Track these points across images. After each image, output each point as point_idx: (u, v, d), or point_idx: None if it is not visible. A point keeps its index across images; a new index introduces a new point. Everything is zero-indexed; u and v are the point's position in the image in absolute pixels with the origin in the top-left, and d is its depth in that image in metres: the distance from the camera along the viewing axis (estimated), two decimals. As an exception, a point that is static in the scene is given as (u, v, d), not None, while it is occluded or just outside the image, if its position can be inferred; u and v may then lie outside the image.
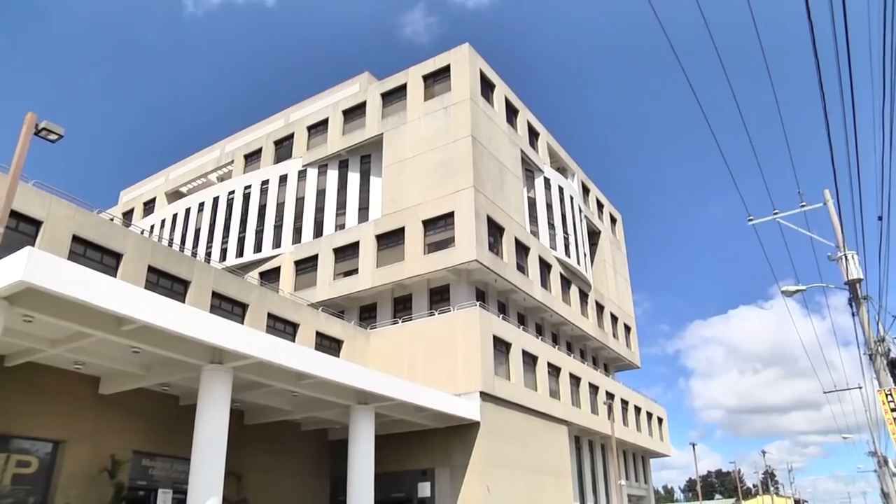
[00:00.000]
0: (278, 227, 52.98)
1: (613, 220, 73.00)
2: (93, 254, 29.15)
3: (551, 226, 53.53)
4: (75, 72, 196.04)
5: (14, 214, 22.55)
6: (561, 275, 53.36)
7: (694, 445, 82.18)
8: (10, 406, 26.19)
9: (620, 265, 71.05)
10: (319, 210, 51.44)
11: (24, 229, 26.50)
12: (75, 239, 28.46)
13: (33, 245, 24.50)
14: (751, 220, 23.14)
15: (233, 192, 57.83)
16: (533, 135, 55.84)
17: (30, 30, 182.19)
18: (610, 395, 53.45)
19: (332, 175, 51.93)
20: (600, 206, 69.60)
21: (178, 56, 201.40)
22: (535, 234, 50.80)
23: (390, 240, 45.93)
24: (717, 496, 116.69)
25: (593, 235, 65.82)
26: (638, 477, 63.93)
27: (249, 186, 56.56)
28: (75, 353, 25.78)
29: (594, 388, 52.46)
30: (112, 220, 37.78)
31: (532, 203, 52.05)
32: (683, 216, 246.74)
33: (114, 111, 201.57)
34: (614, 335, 63.73)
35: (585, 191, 65.80)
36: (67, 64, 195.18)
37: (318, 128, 54.60)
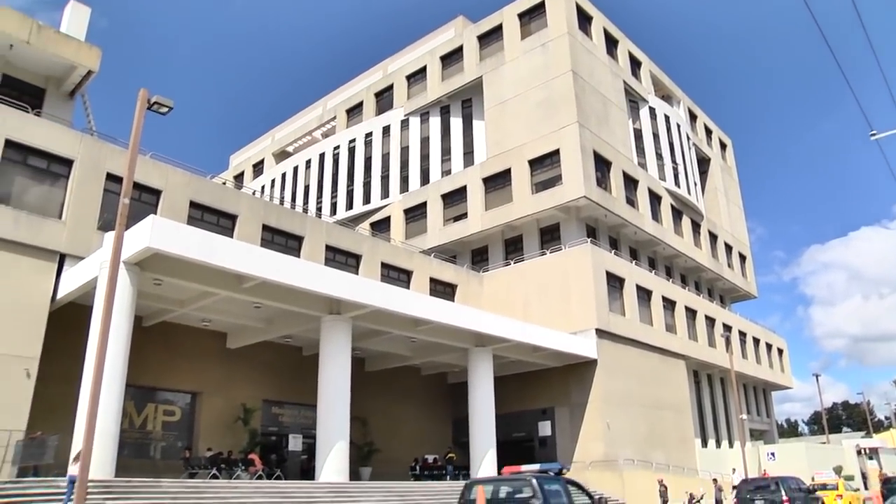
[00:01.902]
0: (385, 178, 53.80)
1: (723, 146, 70.52)
2: (210, 217, 30.50)
3: (659, 156, 52.35)
4: (173, 42, 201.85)
5: (136, 186, 23.77)
6: (671, 206, 52.30)
7: (817, 376, 79.53)
8: (152, 362, 28.11)
9: (732, 192, 68.85)
10: (425, 157, 51.89)
11: (146, 199, 27.99)
12: (192, 204, 29.85)
13: (155, 213, 25.82)
14: (874, 134, 22.11)
15: (338, 147, 58.91)
16: (635, 64, 54.36)
17: (125, 7, 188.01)
18: (727, 327, 52.42)
19: (435, 122, 52.17)
20: (709, 132, 67.34)
21: (270, 17, 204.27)
22: (642, 165, 49.83)
23: (497, 182, 46.02)
24: (846, 429, 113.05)
25: (703, 163, 63.86)
26: (760, 411, 62.77)
27: (354, 140, 57.47)
28: (202, 311, 27.37)
29: (710, 321, 51.60)
30: (224, 183, 39.33)
31: (638, 134, 50.97)
32: (796, 136, 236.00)
33: (215, 77, 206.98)
34: (729, 265, 62.16)
35: (692, 117, 63.77)
36: (164, 37, 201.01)
37: (416, 76, 54.76)
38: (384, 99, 57.51)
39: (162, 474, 24.09)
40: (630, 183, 47.35)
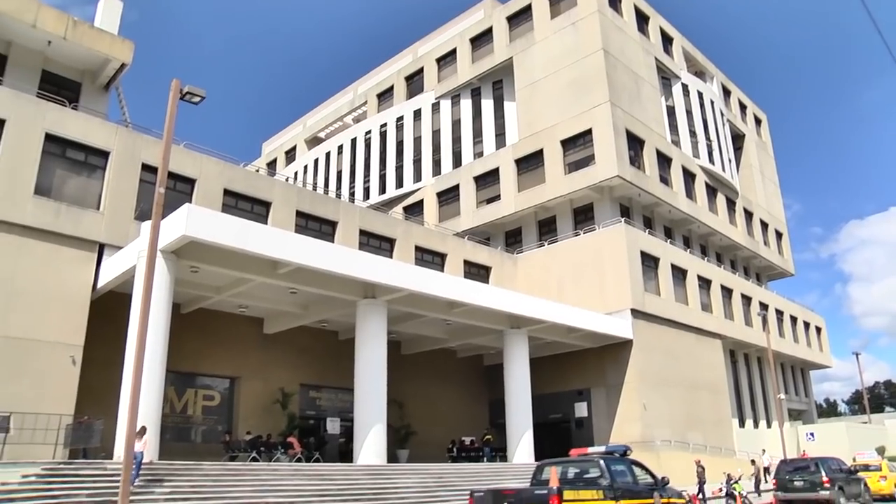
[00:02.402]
0: (417, 161, 53.90)
1: (758, 122, 69.46)
2: (244, 204, 30.85)
3: (693, 133, 51.76)
4: (203, 32, 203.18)
5: (171, 175, 24.16)
6: (706, 183, 51.72)
7: (857, 355, 78.49)
8: (191, 348, 28.62)
9: (768, 168, 67.85)
10: (456, 140, 51.89)
11: (181, 188, 28.44)
12: (226, 192, 30.22)
13: (190, 202, 26.23)
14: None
15: (369, 131, 59.10)
16: (667, 41, 53.68)
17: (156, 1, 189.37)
18: (763, 306, 51.76)
19: (466, 104, 52.08)
20: (743, 107, 66.36)
21: (299, 4, 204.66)
22: (676, 143, 49.32)
23: (529, 163, 45.90)
24: (888, 408, 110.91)
25: (737, 139, 62.98)
26: (798, 390, 62.03)
27: (385, 124, 57.61)
28: (238, 297, 27.79)
29: (747, 300, 51.08)
30: (258, 171, 39.69)
31: (671, 111, 50.42)
32: (834, 108, 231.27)
33: (245, 66, 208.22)
34: (765, 242, 61.36)
35: (726, 93, 62.87)
36: (193, 27, 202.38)
37: (446, 59, 54.66)
38: (414, 83, 57.51)
39: (203, 457, 24.56)
40: (663, 161, 46.92)
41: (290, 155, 71.76)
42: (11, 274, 23.28)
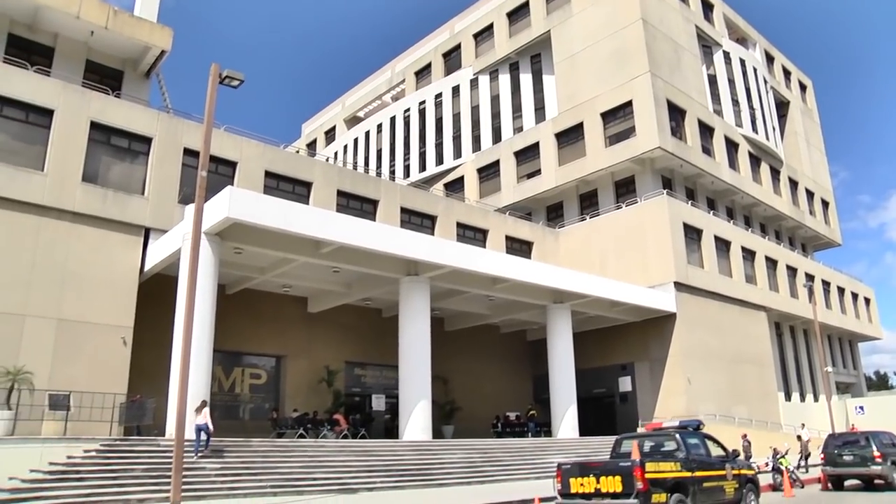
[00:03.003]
0: (457, 138, 53.86)
1: (803, 88, 67.88)
2: (285, 185, 31.19)
3: (735, 102, 50.85)
4: (239, 15, 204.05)
5: (212, 159, 24.55)
6: (749, 153, 50.85)
7: (909, 325, 76.73)
8: (237, 328, 29.20)
9: (814, 135, 66.36)
10: (496, 116, 51.71)
11: (223, 171, 28.90)
12: (267, 174, 30.61)
13: (232, 184, 26.65)
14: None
15: (408, 109, 59.14)
16: (707, 8, 52.64)
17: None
18: (810, 277, 50.70)
19: (504, 79, 51.82)
20: (787, 73, 64.90)
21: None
22: (718, 112, 48.54)
23: (570, 136, 45.60)
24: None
25: (782, 107, 61.71)
26: (846, 363, 60.86)
27: (424, 102, 57.59)
28: (282, 277, 28.16)
29: (792, 271, 50.29)
30: (298, 152, 40.04)
31: (712, 80, 49.55)
32: (882, 71, 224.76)
33: (283, 48, 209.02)
34: (811, 212, 60.16)
35: (769, 59, 61.51)
36: (230, 10, 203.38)
37: (483, 34, 54.32)
38: (452, 59, 57.30)
39: (251, 434, 25.13)
40: (705, 131, 46.23)
41: (330, 135, 72.12)
42: (64, 259, 23.99)
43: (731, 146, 48.91)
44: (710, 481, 14.28)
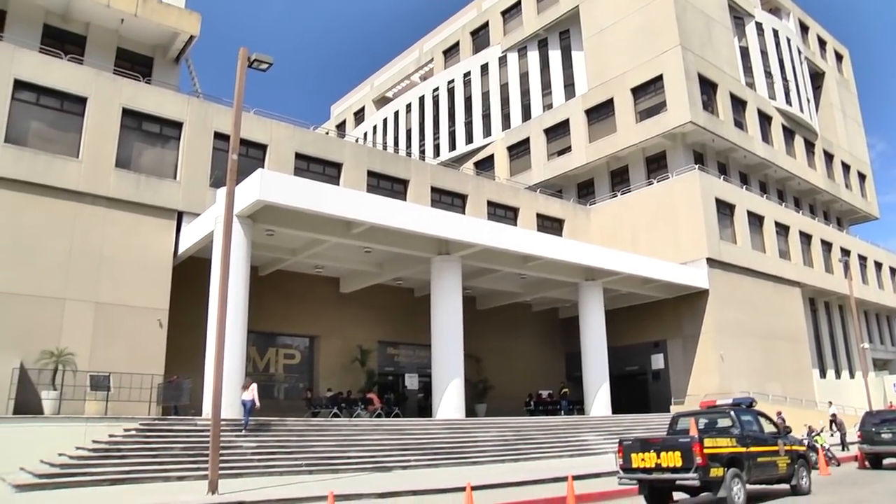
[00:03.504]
0: (486, 116, 53.68)
1: (839, 58, 66.41)
2: (315, 167, 31.36)
3: (768, 74, 50.00)
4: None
5: (243, 142, 24.75)
6: (783, 126, 50.05)
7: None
8: (270, 309, 29.52)
9: (850, 106, 64.99)
10: (525, 93, 51.42)
11: (253, 154, 29.15)
12: (297, 156, 30.79)
13: (263, 166, 26.88)
14: None
15: (437, 88, 58.99)
16: (739, -22, 51.70)
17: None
18: (845, 252, 49.84)
19: (533, 56, 51.43)
20: (822, 43, 63.55)
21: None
22: (750, 85, 47.79)
23: (600, 113, 45.24)
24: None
25: (817, 78, 60.53)
26: (883, 339, 59.65)
27: (452, 81, 57.40)
28: (314, 258, 28.40)
29: (827, 245, 49.51)
30: (327, 133, 40.18)
31: (745, 52, 48.74)
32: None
33: (310, 29, 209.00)
34: (846, 185, 59.07)
35: (804, 29, 60.27)
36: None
37: (511, 11, 53.87)
38: (480, 37, 56.96)
39: (286, 414, 25.53)
40: (738, 104, 45.57)
41: (359, 116, 72.23)
42: (100, 244, 24.43)
43: (764, 119, 48.20)
44: (764, 456, 14.69)
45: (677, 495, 14.83)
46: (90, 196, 24.60)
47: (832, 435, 30.92)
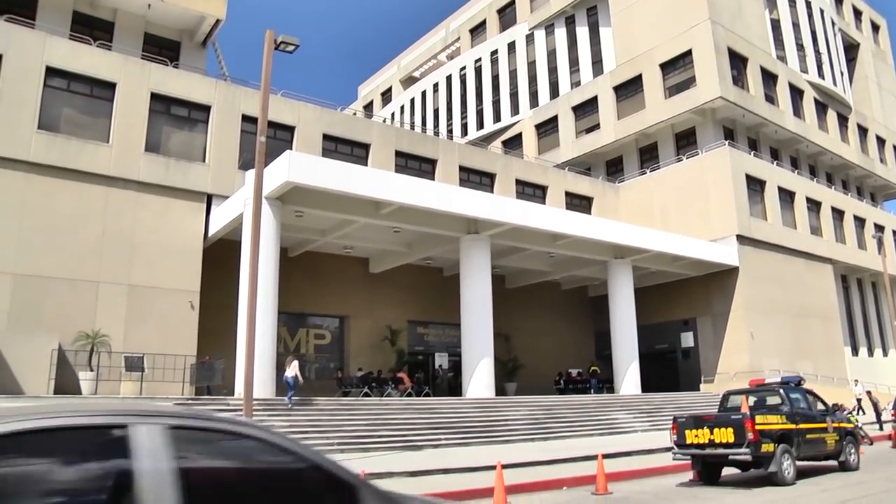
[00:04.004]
0: (514, 95, 53.39)
1: (875, 28, 64.75)
2: (343, 148, 31.47)
3: (800, 47, 49.06)
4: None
5: (270, 124, 24.84)
6: (815, 100, 49.16)
7: None
8: (300, 290, 29.75)
9: (886, 78, 63.45)
10: (552, 71, 51.03)
11: (281, 136, 29.28)
12: (325, 137, 30.90)
13: (291, 148, 27.01)
14: None
15: (464, 67, 58.74)
16: (770, -51, 50.69)
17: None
18: (879, 227, 48.75)
19: (560, 33, 50.97)
20: (857, 13, 62.05)
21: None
22: (782, 59, 46.97)
23: (628, 89, 44.81)
24: None
25: (851, 49, 59.22)
26: (919, 316, 58.73)
27: (479, 59, 57.10)
28: (343, 239, 28.55)
29: (860, 221, 48.66)
30: (355, 114, 40.19)
31: (776, 25, 47.86)
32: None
33: (336, 10, 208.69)
34: (881, 160, 57.80)
35: (838, 0, 59.01)
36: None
37: (538, -12, 53.39)
38: (507, 15, 56.54)
39: (317, 393, 25.80)
40: (769, 78, 44.84)
41: (387, 96, 72.17)
42: (131, 227, 24.79)
43: (796, 93, 47.38)
44: (813, 433, 14.98)
45: (726, 471, 15.10)
46: (121, 180, 24.94)
47: (864, 413, 30.57)
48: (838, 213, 46.25)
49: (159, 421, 3.10)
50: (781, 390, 15.48)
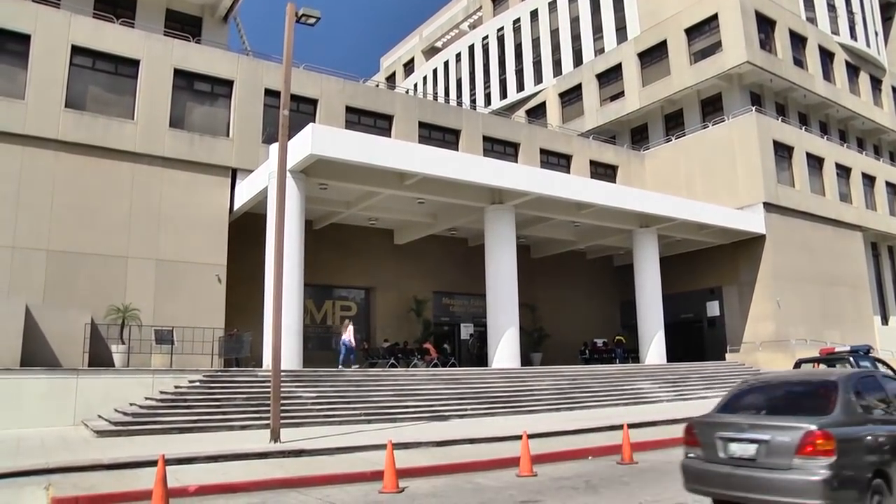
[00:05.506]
0: (537, 63, 52.93)
1: (914, -14, 63.10)
2: (366, 120, 31.48)
3: (831, 7, 47.93)
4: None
5: (293, 97, 24.86)
6: (846, 62, 48.09)
7: None
8: (326, 262, 30.04)
9: (923, 39, 61.93)
10: (576, 38, 50.48)
11: (304, 109, 29.37)
12: (348, 109, 30.93)
13: (314, 121, 27.06)
14: None
15: (486, 37, 58.29)
16: None
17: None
18: (913, 193, 48.21)
19: (584, 0, 50.29)
20: (895, -30, 60.45)
21: None
22: (811, 20, 46.03)
23: (653, 55, 44.21)
24: None
25: (888, 8, 57.26)
26: (953, 285, 57.68)
27: (502, 28, 56.60)
28: (368, 210, 28.66)
29: (892, 187, 47.64)
30: (377, 86, 40.15)
31: (805, -15, 46.87)
32: None
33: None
34: (917, 123, 56.67)
35: (872, -44, 57.40)
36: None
37: (561, -47, 52.64)
38: (529, -19, 55.87)
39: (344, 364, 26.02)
40: (797, 41, 43.98)
41: (409, 67, 71.86)
42: (158, 202, 25.11)
43: (826, 56, 46.43)
44: None
45: None
46: (147, 157, 25.22)
47: None
48: (869, 180, 45.50)
49: None
50: (851, 358, 15.76)
